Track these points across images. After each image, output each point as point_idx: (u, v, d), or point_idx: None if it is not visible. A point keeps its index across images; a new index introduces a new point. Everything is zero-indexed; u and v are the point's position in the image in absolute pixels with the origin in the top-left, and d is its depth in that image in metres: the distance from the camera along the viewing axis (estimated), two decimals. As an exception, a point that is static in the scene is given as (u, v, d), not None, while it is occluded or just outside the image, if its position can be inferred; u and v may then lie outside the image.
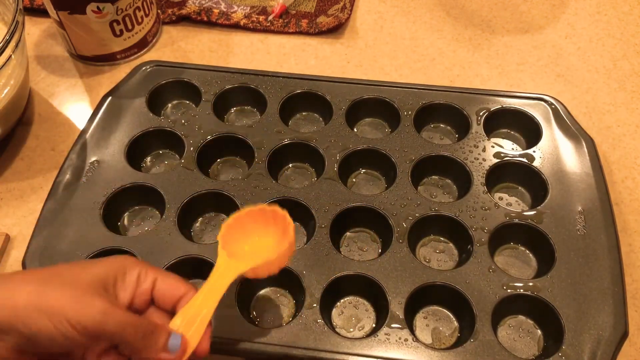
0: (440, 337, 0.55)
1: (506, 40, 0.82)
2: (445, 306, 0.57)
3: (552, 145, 0.65)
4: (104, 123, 0.67)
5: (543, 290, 0.55)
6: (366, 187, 0.65)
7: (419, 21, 0.84)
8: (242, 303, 0.55)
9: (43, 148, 0.71)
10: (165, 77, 0.72)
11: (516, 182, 0.65)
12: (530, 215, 0.60)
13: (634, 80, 0.76)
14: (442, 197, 0.64)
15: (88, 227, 0.59)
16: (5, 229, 0.64)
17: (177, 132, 0.67)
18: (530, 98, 0.69)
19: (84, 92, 0.77)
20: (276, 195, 0.61)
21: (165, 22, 0.84)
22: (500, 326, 0.55)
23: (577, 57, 0.79)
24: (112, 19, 0.74)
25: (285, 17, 0.83)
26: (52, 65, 0.80)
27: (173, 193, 0.62)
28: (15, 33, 0.63)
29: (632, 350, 0.55)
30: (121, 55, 0.79)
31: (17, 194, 0.67)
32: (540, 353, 0.54)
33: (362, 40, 0.82)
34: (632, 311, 0.57)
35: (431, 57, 0.80)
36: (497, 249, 0.60)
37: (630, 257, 0.61)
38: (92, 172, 0.63)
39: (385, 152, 0.65)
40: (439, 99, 0.69)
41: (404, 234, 0.59)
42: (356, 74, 0.77)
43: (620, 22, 0.83)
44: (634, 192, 0.66)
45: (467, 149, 0.65)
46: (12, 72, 0.67)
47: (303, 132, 0.68)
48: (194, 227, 0.62)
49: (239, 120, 0.71)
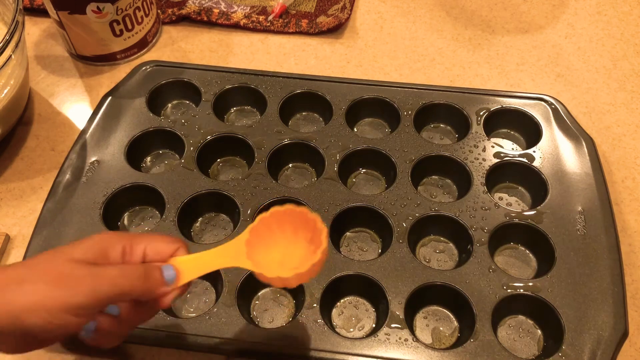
0: (440, 337, 0.55)
1: (506, 40, 0.82)
2: (445, 306, 0.57)
3: (552, 145, 0.65)
4: (104, 123, 0.68)
5: (543, 290, 0.55)
6: (366, 187, 0.65)
7: (419, 21, 0.84)
8: (242, 303, 0.55)
9: (43, 148, 0.71)
10: (165, 77, 0.72)
11: (516, 182, 0.65)
12: (530, 215, 0.60)
13: (634, 80, 0.76)
14: (442, 197, 0.64)
15: (88, 227, 0.59)
16: (5, 229, 0.64)
17: (177, 132, 0.67)
18: (530, 98, 0.69)
19: (84, 92, 0.77)
20: (276, 195, 0.61)
21: (165, 22, 0.84)
22: (500, 326, 0.55)
23: (577, 57, 0.79)
24: (112, 19, 0.74)
25: (285, 17, 0.83)
26: (52, 65, 0.80)
27: (173, 193, 0.62)
28: (15, 33, 0.63)
29: (632, 350, 0.55)
30: (121, 55, 0.79)
31: (17, 194, 0.67)
32: (540, 353, 0.54)
33: (362, 40, 0.82)
34: (632, 311, 0.57)
35: (431, 57, 0.80)
36: (497, 249, 0.60)
37: (630, 257, 0.61)
38: (92, 172, 0.63)
39: (385, 152, 0.65)
40: (439, 99, 0.69)
41: (404, 234, 0.59)
42: (356, 73, 0.77)
43: (620, 22, 0.83)
44: (634, 192, 0.66)
45: (467, 149, 0.65)
46: (12, 72, 0.67)
47: (303, 132, 0.68)
48: (194, 227, 0.62)
49: (239, 120, 0.71)
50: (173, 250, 0.44)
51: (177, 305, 0.57)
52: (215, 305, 0.54)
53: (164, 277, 0.42)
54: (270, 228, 0.45)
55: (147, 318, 0.44)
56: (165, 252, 0.44)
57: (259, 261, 0.44)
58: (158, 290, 0.42)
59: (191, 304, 0.57)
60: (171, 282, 0.43)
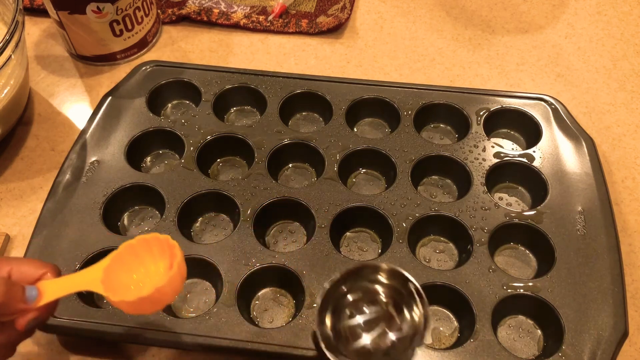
0: (440, 337, 0.55)
1: (506, 40, 0.82)
2: (445, 306, 0.56)
3: (552, 145, 0.65)
4: (104, 123, 0.68)
5: (543, 290, 0.55)
6: (366, 187, 0.65)
7: (419, 21, 0.84)
8: (242, 303, 0.55)
9: (43, 148, 0.71)
10: (165, 77, 0.72)
11: (516, 182, 0.65)
12: (530, 215, 0.60)
13: (634, 80, 0.76)
14: (442, 197, 0.64)
15: (88, 227, 0.59)
16: (5, 229, 0.64)
17: (177, 132, 0.67)
18: (530, 98, 0.69)
19: (84, 92, 0.77)
20: (276, 195, 0.61)
21: (165, 22, 0.84)
22: (500, 326, 0.55)
23: (577, 57, 0.79)
24: (112, 19, 0.74)
25: (285, 17, 0.83)
26: (52, 65, 0.80)
27: (173, 193, 0.62)
28: (15, 33, 0.63)
29: (632, 350, 0.55)
30: (121, 55, 0.79)
31: (17, 194, 0.67)
32: (540, 353, 0.54)
33: (362, 40, 0.82)
34: (632, 311, 0.57)
35: (431, 57, 0.80)
36: (497, 249, 0.60)
37: (630, 257, 0.61)
38: (92, 172, 0.63)
39: (385, 152, 0.65)
40: (439, 99, 0.69)
41: (404, 234, 0.59)
42: (356, 73, 0.78)
43: (620, 22, 0.83)
44: (634, 192, 0.66)
45: (467, 149, 0.65)
46: (12, 72, 0.67)
47: (303, 132, 0.68)
48: (193, 227, 0.62)
49: (239, 120, 0.71)
50: (39, 274, 0.45)
51: (177, 305, 0.57)
52: (215, 305, 0.54)
53: (25, 294, 0.43)
54: (137, 254, 0.46)
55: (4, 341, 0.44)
56: (31, 275, 0.44)
57: (117, 286, 0.45)
58: (17, 305, 0.42)
59: (191, 304, 0.57)
60: (32, 300, 0.43)
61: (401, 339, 0.43)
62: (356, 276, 0.46)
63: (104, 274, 0.45)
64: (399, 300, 0.45)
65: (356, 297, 0.45)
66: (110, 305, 0.55)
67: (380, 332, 0.44)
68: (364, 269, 0.47)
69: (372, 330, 0.44)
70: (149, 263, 0.46)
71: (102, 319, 0.53)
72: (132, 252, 0.46)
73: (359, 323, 0.45)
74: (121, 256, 0.46)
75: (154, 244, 0.46)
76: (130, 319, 0.53)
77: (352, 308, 0.45)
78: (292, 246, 0.61)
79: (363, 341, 0.44)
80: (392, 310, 0.45)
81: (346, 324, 0.45)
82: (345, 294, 0.46)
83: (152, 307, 0.44)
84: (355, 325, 0.45)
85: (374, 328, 0.44)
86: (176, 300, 0.57)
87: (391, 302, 0.45)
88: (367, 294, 0.46)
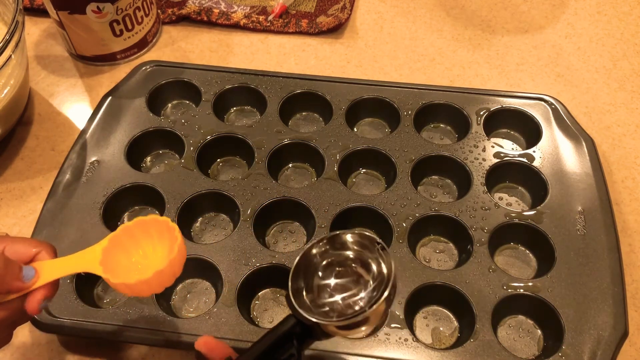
0: (440, 337, 0.55)
1: (506, 40, 0.82)
2: (445, 306, 0.57)
3: (552, 145, 0.65)
4: (104, 123, 0.68)
5: (543, 290, 0.55)
6: (366, 187, 0.65)
7: (419, 21, 0.84)
8: (242, 303, 0.55)
9: (43, 148, 0.71)
10: (165, 77, 0.72)
11: (516, 182, 0.65)
12: (530, 215, 0.60)
13: (634, 80, 0.76)
14: (442, 197, 0.64)
15: (88, 227, 0.59)
16: (5, 229, 0.64)
17: (177, 132, 0.67)
18: (530, 98, 0.69)
19: (84, 92, 0.77)
20: (276, 195, 0.61)
21: (165, 22, 0.84)
22: (500, 326, 0.55)
23: (577, 57, 0.79)
24: (112, 19, 0.74)
25: (285, 17, 0.83)
26: (52, 65, 0.80)
27: (173, 193, 0.62)
28: (15, 33, 0.63)
29: (632, 350, 0.55)
30: (121, 55, 0.79)
31: (17, 194, 0.67)
32: (540, 353, 0.54)
33: (362, 40, 0.82)
34: (632, 311, 0.57)
35: (431, 57, 0.80)
36: (497, 249, 0.60)
37: (630, 257, 0.61)
38: (92, 172, 0.63)
39: (385, 152, 0.65)
40: (439, 99, 0.69)
41: (404, 234, 0.59)
42: (356, 73, 0.78)
43: (620, 22, 0.83)
44: (634, 192, 0.66)
45: (467, 149, 0.65)
46: (12, 72, 0.67)
47: (303, 132, 0.68)
48: (194, 227, 0.62)
49: (239, 120, 0.71)
50: (34, 253, 0.45)
51: (177, 305, 0.57)
52: (215, 305, 0.54)
53: (22, 272, 0.43)
54: (134, 236, 0.46)
55: (11, 316, 0.44)
56: (24, 253, 0.44)
57: (115, 268, 0.44)
58: (14, 283, 0.42)
59: (191, 304, 0.57)
60: (29, 279, 0.43)
61: (371, 295, 0.45)
62: (329, 244, 0.47)
63: (102, 256, 0.44)
64: (368, 261, 0.46)
65: (327, 262, 0.47)
66: (110, 305, 0.55)
67: (352, 293, 0.45)
68: (335, 237, 0.48)
69: (344, 291, 0.45)
70: (147, 245, 0.46)
71: (102, 319, 0.53)
72: (129, 234, 0.46)
73: (329, 283, 0.46)
74: (118, 238, 0.45)
75: (152, 226, 0.46)
76: (130, 319, 0.53)
77: (323, 271, 0.46)
78: (292, 246, 0.61)
79: (334, 299, 0.45)
80: (362, 270, 0.46)
81: (318, 283, 0.46)
82: (318, 260, 0.47)
83: (150, 289, 0.44)
84: (325, 284, 0.46)
85: (345, 289, 0.46)
86: (176, 300, 0.57)
87: (359, 264, 0.46)
88: (338, 258, 0.47)
